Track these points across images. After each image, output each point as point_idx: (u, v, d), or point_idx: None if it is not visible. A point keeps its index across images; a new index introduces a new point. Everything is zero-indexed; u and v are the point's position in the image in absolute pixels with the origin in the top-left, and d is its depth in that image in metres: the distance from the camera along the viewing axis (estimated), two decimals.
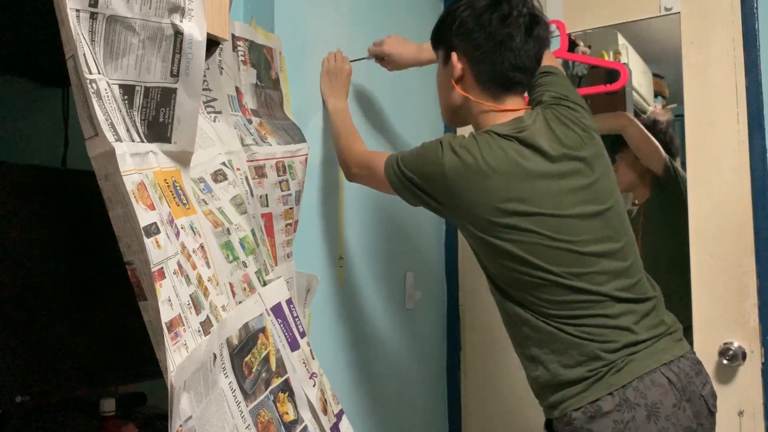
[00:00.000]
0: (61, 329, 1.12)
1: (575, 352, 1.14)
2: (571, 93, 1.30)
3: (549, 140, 1.19)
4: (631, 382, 1.11)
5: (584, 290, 1.15)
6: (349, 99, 1.59)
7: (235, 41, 1.28)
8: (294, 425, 0.98)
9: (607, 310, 1.15)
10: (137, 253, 0.75)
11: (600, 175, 1.22)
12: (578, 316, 1.15)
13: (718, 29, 1.65)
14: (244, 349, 0.92)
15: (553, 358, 1.16)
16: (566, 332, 1.15)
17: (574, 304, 1.15)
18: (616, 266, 1.18)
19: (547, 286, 1.16)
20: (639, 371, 1.12)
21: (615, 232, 1.21)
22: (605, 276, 1.17)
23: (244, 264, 1.00)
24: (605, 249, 1.18)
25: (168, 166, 0.87)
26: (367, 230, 1.70)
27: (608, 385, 1.11)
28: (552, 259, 1.15)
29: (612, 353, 1.13)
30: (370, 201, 1.70)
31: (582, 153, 1.21)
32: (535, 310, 1.18)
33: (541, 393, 1.21)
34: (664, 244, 1.92)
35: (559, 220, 1.16)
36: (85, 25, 0.76)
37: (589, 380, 1.13)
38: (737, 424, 1.56)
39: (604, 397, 1.11)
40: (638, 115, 2.41)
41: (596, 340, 1.14)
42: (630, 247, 1.23)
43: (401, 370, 1.81)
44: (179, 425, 0.75)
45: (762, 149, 1.58)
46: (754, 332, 1.56)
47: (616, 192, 1.25)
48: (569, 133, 1.22)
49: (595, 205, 1.20)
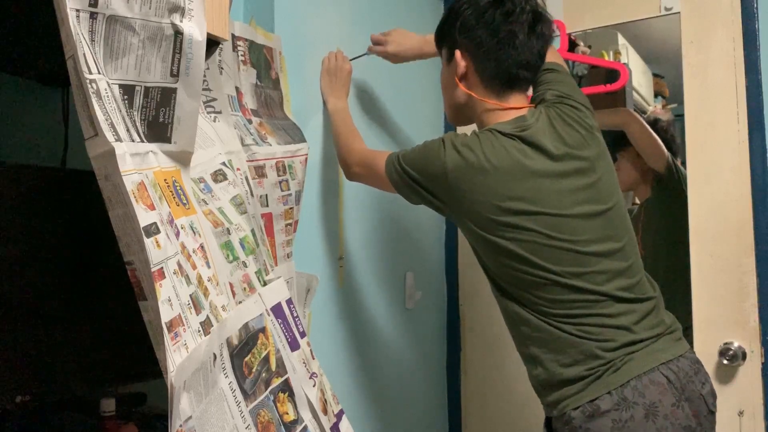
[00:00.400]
0: (61, 329, 1.12)
1: (574, 350, 1.14)
2: (574, 92, 1.30)
3: (552, 139, 1.19)
4: (629, 381, 1.11)
5: (584, 290, 1.15)
6: (350, 97, 1.59)
7: (235, 41, 1.28)
8: (294, 425, 0.98)
9: (607, 310, 1.15)
10: (137, 253, 0.75)
11: (602, 174, 1.22)
12: (577, 315, 1.15)
13: (718, 29, 1.65)
14: (244, 349, 0.92)
15: (552, 357, 1.16)
16: (565, 331, 1.15)
17: (574, 304, 1.15)
18: (617, 266, 1.18)
19: (547, 285, 1.16)
20: (637, 370, 1.12)
21: (616, 231, 1.21)
22: (605, 275, 1.17)
23: (244, 264, 1.00)
24: (606, 249, 1.18)
25: (168, 166, 0.87)
26: (367, 230, 1.70)
27: (606, 384, 1.11)
28: (552, 259, 1.15)
29: (610, 352, 1.13)
30: (371, 201, 1.70)
31: (584, 153, 1.21)
32: (535, 309, 1.18)
33: (541, 391, 1.21)
34: (664, 244, 1.92)
35: (560, 220, 1.16)
36: (85, 25, 0.76)
37: (587, 379, 1.13)
38: (737, 424, 1.56)
39: (602, 396, 1.10)
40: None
41: (595, 339, 1.14)
42: (631, 247, 1.23)
43: (401, 370, 1.81)
44: (179, 425, 0.75)
45: (762, 149, 1.58)
46: (754, 332, 1.56)
47: (617, 192, 1.25)
48: (572, 133, 1.22)
49: (597, 205, 1.20)
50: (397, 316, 1.81)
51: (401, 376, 1.81)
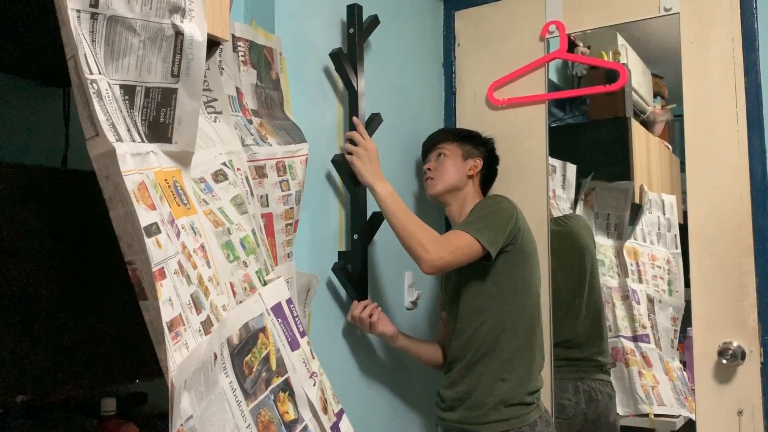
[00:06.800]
0: (62, 329, 1.12)
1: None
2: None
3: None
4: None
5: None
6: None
7: (236, 42, 1.28)
8: (294, 425, 0.98)
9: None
10: (138, 252, 0.75)
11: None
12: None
13: (718, 29, 1.65)
14: (244, 349, 0.92)
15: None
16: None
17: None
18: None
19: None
20: None
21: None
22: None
23: (244, 264, 1.00)
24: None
25: (169, 166, 0.87)
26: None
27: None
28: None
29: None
30: (371, 200, 1.70)
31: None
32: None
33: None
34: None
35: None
36: (86, 26, 0.76)
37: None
38: (736, 424, 1.56)
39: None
40: (638, 115, 2.42)
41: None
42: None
43: (401, 370, 1.81)
44: (180, 425, 0.75)
45: (761, 149, 1.58)
46: (753, 332, 1.57)
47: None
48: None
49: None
50: (396, 315, 1.81)
51: (401, 375, 1.82)
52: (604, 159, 2.41)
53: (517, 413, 1.53)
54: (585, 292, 2.14)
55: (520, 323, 1.57)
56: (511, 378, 1.54)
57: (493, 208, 1.58)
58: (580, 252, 2.20)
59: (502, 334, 1.55)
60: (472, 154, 1.73)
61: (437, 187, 1.70)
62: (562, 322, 1.96)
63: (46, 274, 1.11)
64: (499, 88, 1.96)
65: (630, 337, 2.28)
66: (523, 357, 1.56)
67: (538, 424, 1.54)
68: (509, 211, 1.57)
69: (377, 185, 1.52)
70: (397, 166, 1.84)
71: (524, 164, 1.89)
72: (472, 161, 1.72)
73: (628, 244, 2.37)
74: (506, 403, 1.52)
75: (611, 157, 2.38)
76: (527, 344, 1.58)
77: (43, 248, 1.11)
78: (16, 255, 1.07)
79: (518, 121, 1.92)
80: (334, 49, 1.57)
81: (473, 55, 2.04)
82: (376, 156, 1.55)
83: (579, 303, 2.12)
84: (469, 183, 1.72)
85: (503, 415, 1.52)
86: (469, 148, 1.73)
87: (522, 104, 1.93)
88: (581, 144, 2.43)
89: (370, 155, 1.54)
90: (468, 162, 1.72)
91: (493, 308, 1.56)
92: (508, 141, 1.81)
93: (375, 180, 1.52)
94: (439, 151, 1.73)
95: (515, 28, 1.96)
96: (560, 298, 1.99)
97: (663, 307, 2.37)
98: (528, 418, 1.53)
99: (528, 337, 1.58)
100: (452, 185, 1.69)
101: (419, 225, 1.48)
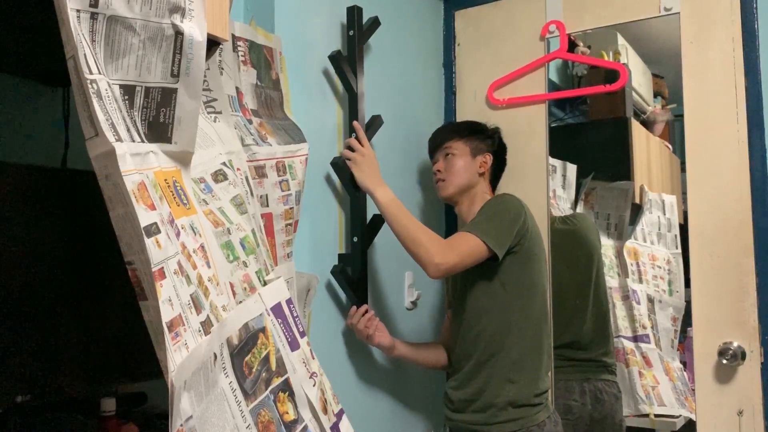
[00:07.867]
0: (62, 329, 1.12)
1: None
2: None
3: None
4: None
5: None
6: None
7: (236, 41, 1.28)
8: (294, 425, 0.98)
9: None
10: (138, 253, 0.75)
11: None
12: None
13: (718, 29, 1.65)
14: (244, 349, 0.92)
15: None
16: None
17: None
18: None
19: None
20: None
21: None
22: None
23: (244, 264, 1.00)
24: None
25: (168, 166, 0.87)
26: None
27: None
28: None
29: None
30: (370, 203, 1.70)
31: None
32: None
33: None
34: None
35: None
36: (86, 26, 0.76)
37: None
38: (736, 424, 1.56)
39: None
40: (638, 115, 2.42)
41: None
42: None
43: (401, 370, 1.81)
44: (180, 425, 0.75)
45: (761, 149, 1.58)
46: (753, 332, 1.56)
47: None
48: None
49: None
50: (396, 315, 1.81)
51: (401, 375, 1.82)
52: (605, 159, 2.41)
53: (525, 414, 1.52)
54: (591, 292, 2.13)
55: (527, 324, 1.57)
56: (520, 379, 1.53)
57: (500, 207, 1.57)
58: (587, 252, 2.19)
59: (509, 334, 1.55)
60: (480, 149, 1.70)
61: (449, 189, 1.68)
62: (568, 323, 1.96)
63: (45, 274, 1.11)
64: (500, 88, 1.96)
65: (630, 337, 2.28)
66: (531, 358, 1.56)
67: (547, 424, 1.54)
68: (517, 211, 1.56)
69: (377, 191, 1.51)
70: (398, 167, 1.84)
71: (524, 164, 1.89)
72: (482, 157, 1.69)
73: (629, 244, 2.37)
74: (515, 404, 1.52)
75: (611, 157, 2.38)
76: (535, 345, 1.57)
77: (43, 248, 1.11)
78: (15, 255, 1.07)
79: (518, 121, 1.92)
80: (333, 52, 1.57)
81: (473, 55, 2.04)
82: (374, 161, 1.54)
83: (585, 303, 2.11)
84: (480, 180, 1.70)
85: (512, 415, 1.52)
86: (477, 144, 1.70)
87: (522, 104, 1.93)
88: (581, 144, 2.43)
89: (367, 161, 1.53)
90: (477, 159, 1.69)
91: (499, 307, 1.56)
92: (508, 141, 1.80)
93: (374, 186, 1.52)
94: (447, 151, 1.69)
95: (515, 28, 1.96)
96: (566, 298, 1.99)
97: (663, 307, 2.37)
98: (536, 418, 1.53)
99: (536, 339, 1.58)
100: (464, 186, 1.67)
101: (423, 230, 1.47)
